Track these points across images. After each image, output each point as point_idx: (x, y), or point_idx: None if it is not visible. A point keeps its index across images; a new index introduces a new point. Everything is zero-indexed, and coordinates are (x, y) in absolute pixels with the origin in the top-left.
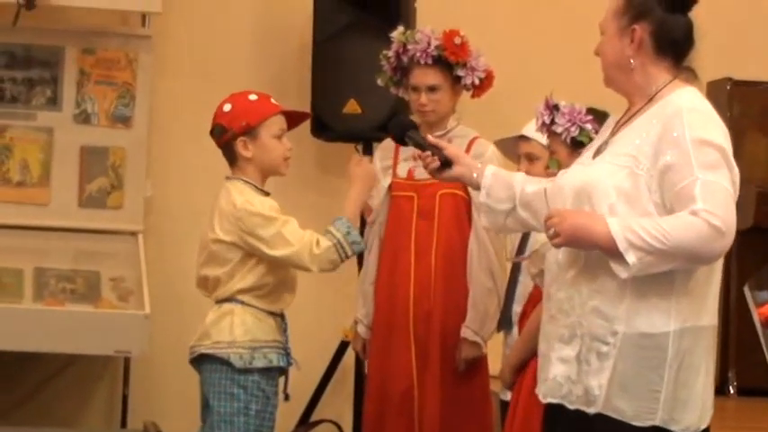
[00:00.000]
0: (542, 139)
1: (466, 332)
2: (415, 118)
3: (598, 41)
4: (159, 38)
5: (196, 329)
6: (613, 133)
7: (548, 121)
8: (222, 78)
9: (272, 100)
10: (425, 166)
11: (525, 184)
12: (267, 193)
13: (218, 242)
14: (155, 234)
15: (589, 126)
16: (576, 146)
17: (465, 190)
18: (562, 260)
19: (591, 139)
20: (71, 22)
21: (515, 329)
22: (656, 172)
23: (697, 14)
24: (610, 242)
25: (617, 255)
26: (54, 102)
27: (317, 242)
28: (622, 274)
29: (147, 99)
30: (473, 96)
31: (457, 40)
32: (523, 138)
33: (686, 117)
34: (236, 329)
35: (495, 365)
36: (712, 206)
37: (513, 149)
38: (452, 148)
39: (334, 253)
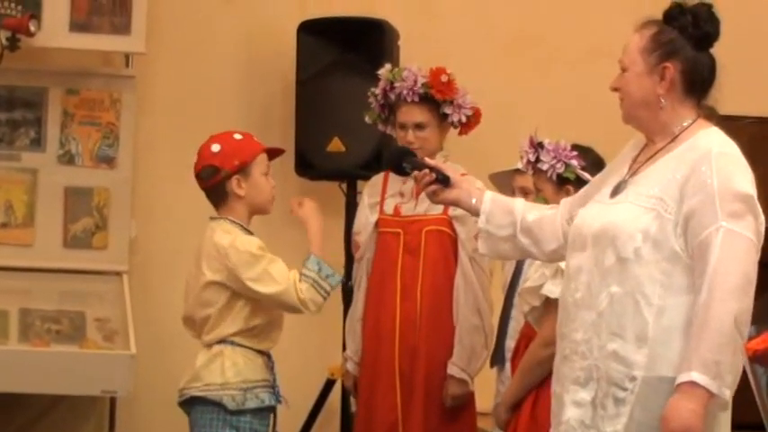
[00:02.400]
0: None
1: (452, 369)
2: None
3: (615, 76)
4: (143, 78)
5: (182, 369)
6: (633, 171)
7: (532, 159)
8: (206, 118)
9: (254, 138)
10: (423, 186)
11: (526, 211)
12: (251, 233)
13: (208, 283)
14: (139, 274)
15: (574, 162)
16: (562, 182)
17: (451, 227)
18: (581, 300)
19: (576, 176)
20: (54, 63)
21: (509, 365)
22: (682, 218)
23: None
24: (705, 396)
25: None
26: (38, 143)
27: (300, 287)
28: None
29: (131, 139)
30: (460, 134)
31: (443, 78)
32: (519, 171)
33: (715, 162)
34: (228, 371)
35: (483, 402)
36: (726, 265)
37: (508, 183)
38: (453, 172)
39: (315, 293)
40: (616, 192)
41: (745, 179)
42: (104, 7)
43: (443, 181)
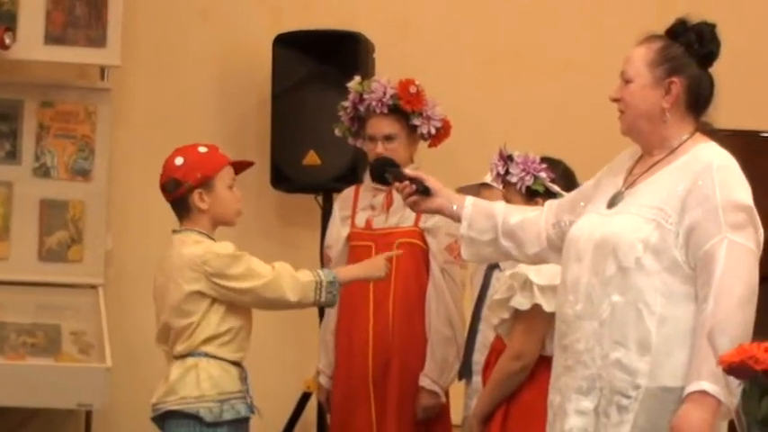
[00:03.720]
0: None
1: (424, 381)
2: None
3: (617, 87)
4: (118, 91)
5: (155, 381)
6: (630, 184)
7: (502, 172)
8: (182, 131)
9: (220, 150)
10: (404, 197)
11: (508, 214)
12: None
13: (187, 294)
14: (115, 287)
15: (543, 174)
16: (531, 195)
17: (422, 239)
18: (581, 311)
19: (545, 187)
20: (30, 76)
21: (476, 378)
22: (683, 229)
23: None
24: (715, 405)
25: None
26: (13, 155)
27: (298, 271)
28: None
29: (107, 152)
30: (430, 146)
31: (412, 89)
32: (485, 185)
33: (717, 175)
34: (204, 383)
35: (456, 415)
36: (731, 275)
37: (475, 197)
38: (433, 181)
39: (312, 290)
40: (613, 203)
41: (745, 191)
42: (80, 20)
43: (424, 191)
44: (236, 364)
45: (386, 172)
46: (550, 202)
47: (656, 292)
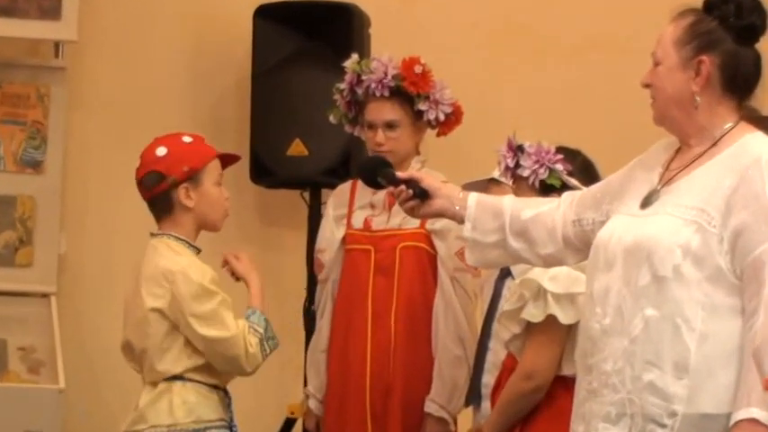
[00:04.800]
0: None
1: (431, 406)
2: None
3: (647, 71)
4: (75, 70)
5: (118, 405)
6: (667, 181)
7: (512, 165)
8: (148, 117)
9: (205, 141)
10: (401, 203)
11: (518, 209)
12: (199, 250)
13: (147, 311)
14: (70, 296)
15: (559, 166)
16: (546, 190)
17: (429, 242)
18: (610, 326)
19: (562, 181)
20: None
21: (486, 404)
22: (729, 232)
23: None
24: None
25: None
26: None
27: (250, 339)
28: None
29: (61, 141)
30: (439, 134)
31: (417, 69)
32: (494, 181)
33: (766, 171)
34: (177, 410)
35: None
36: None
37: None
38: (429, 180)
39: (260, 351)
40: (647, 203)
41: None
42: None
43: (421, 194)
44: (218, 388)
45: (377, 175)
46: (569, 195)
47: (696, 304)
